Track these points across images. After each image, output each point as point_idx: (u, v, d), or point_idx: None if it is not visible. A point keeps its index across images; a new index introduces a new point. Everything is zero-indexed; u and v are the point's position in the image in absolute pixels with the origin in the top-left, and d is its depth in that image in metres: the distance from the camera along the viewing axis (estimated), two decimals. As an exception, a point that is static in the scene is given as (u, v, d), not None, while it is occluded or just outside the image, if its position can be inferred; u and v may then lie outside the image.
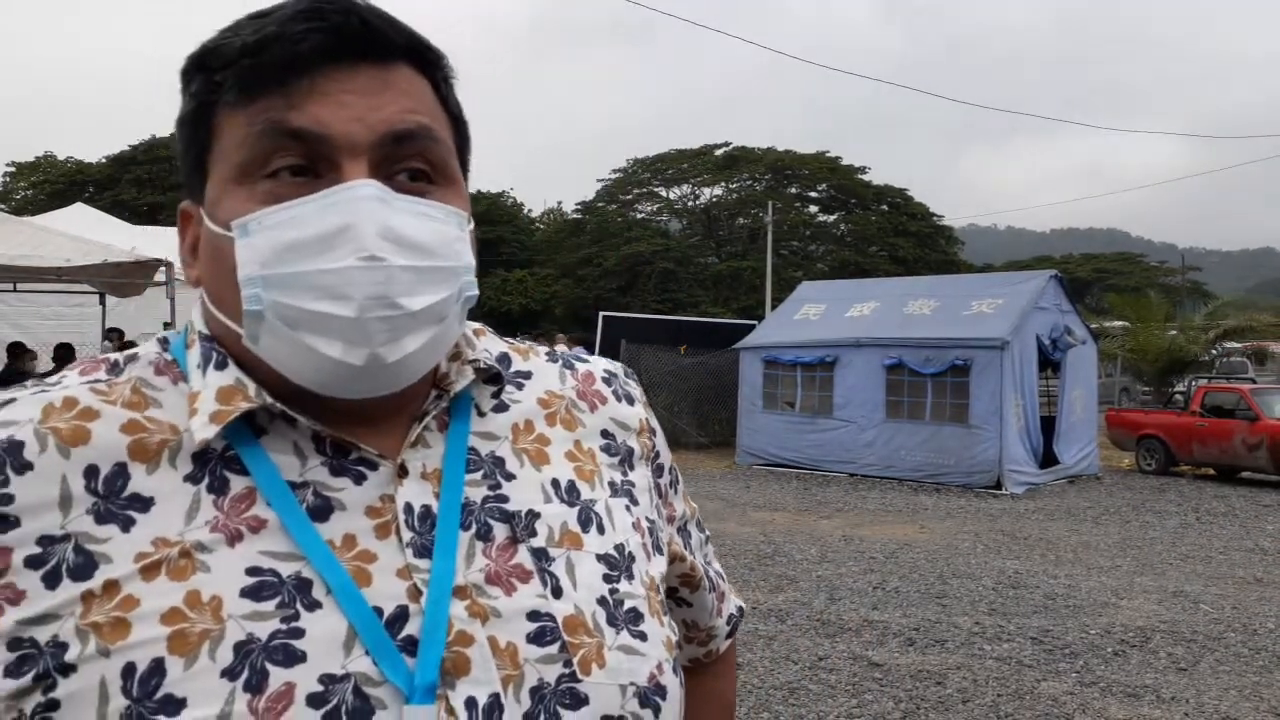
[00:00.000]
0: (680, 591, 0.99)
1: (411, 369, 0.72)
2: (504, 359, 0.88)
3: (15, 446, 0.67)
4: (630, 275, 40.91)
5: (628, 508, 0.85)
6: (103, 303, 11.39)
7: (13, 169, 44.74)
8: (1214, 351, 22.95)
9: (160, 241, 11.64)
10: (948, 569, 8.09)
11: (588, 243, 43.48)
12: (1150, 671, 5.56)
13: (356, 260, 0.67)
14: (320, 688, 0.65)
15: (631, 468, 0.88)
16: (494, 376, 0.82)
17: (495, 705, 0.68)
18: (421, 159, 0.73)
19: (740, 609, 1.09)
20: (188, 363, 0.76)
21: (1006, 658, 5.75)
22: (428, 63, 0.76)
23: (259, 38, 0.69)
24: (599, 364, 0.94)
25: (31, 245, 7.99)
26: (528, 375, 0.88)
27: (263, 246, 0.68)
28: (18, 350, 10.10)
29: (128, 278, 9.13)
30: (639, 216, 47.09)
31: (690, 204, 47.85)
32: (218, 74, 0.71)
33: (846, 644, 5.97)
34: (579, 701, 0.72)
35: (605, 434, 0.88)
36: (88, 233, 9.49)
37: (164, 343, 0.79)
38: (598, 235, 43.90)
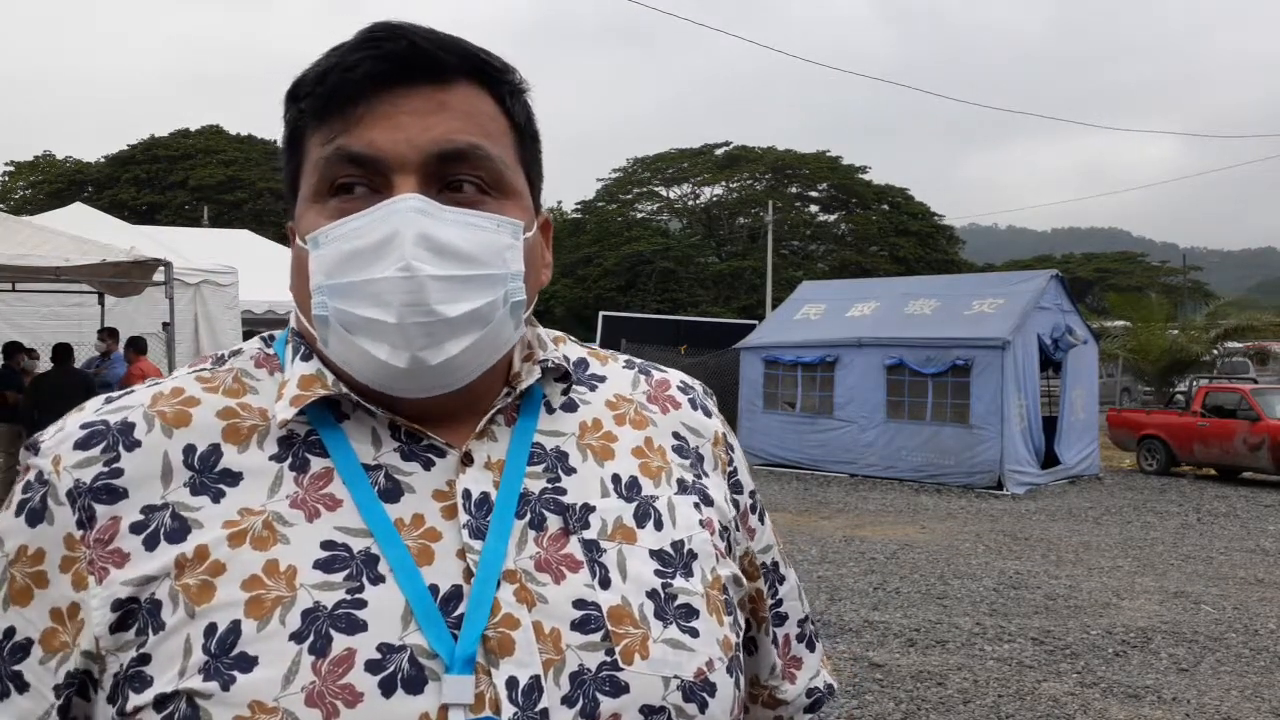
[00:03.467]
0: (749, 629, 0.96)
1: (459, 370, 0.77)
2: (581, 363, 0.93)
3: (128, 427, 0.77)
4: (630, 275, 40.94)
5: (696, 505, 0.86)
6: (101, 302, 11.35)
7: (11, 168, 44.74)
8: (1215, 351, 22.98)
9: (159, 241, 11.64)
10: (949, 570, 8.08)
11: (588, 242, 43.52)
12: (1151, 672, 5.55)
13: (395, 271, 0.73)
14: (378, 655, 0.70)
15: (704, 473, 0.90)
16: (564, 375, 0.88)
17: (535, 686, 0.72)
18: (473, 174, 0.78)
19: (829, 686, 1.04)
20: (285, 356, 0.84)
21: (1007, 658, 5.74)
22: (490, 78, 0.81)
23: (323, 68, 0.78)
24: (676, 375, 0.97)
25: (30, 245, 7.95)
26: (601, 379, 0.92)
27: (327, 258, 0.76)
28: (13, 349, 10.09)
29: (126, 277, 9.10)
30: (639, 216, 47.14)
31: (690, 203, 47.89)
32: (302, 102, 0.79)
33: (847, 645, 5.96)
34: (619, 689, 0.74)
35: (677, 435, 0.91)
36: (86, 232, 9.43)
37: (268, 340, 0.88)
38: (598, 235, 43.94)
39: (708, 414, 0.95)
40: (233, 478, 0.76)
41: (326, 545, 0.73)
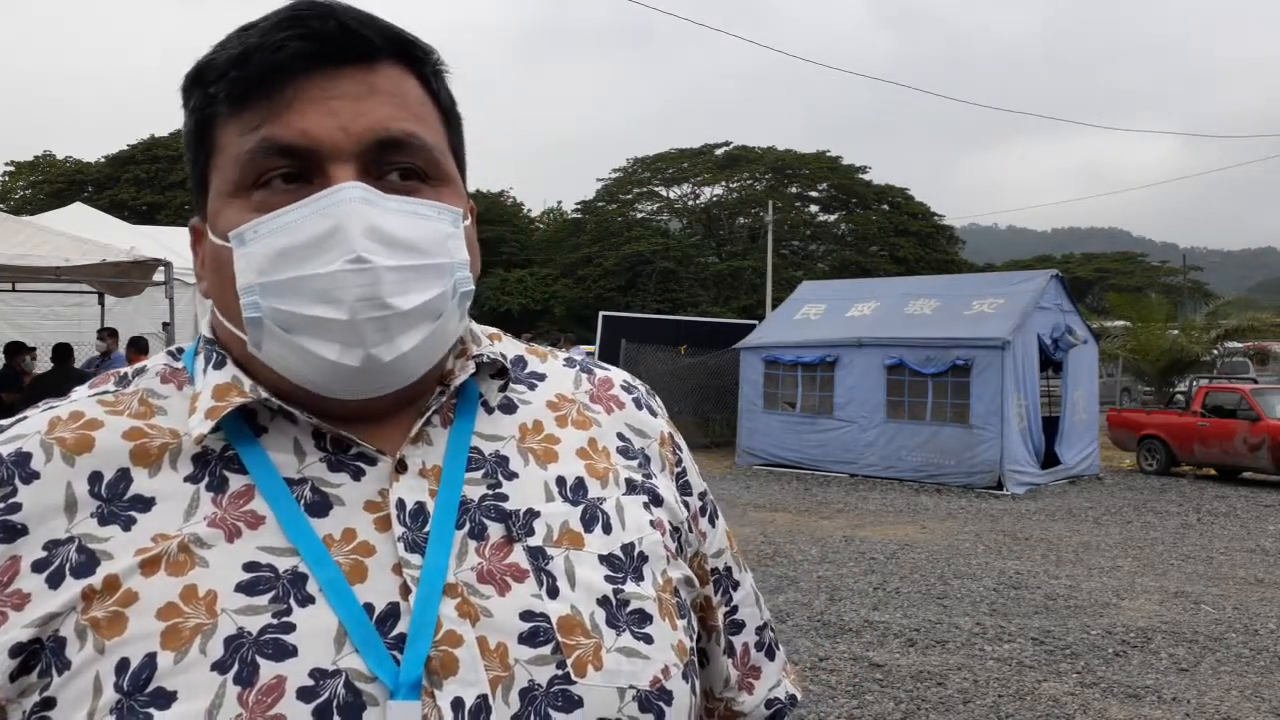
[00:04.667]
0: (698, 640, 0.91)
1: (410, 367, 0.73)
2: (519, 361, 0.88)
3: (23, 458, 0.71)
4: (630, 275, 40.93)
5: (646, 505, 0.83)
6: (101, 302, 11.38)
7: (12, 168, 44.71)
8: (1215, 351, 22.97)
9: (159, 241, 11.64)
10: (949, 569, 8.08)
11: (588, 242, 43.54)
12: (1151, 672, 5.54)
13: (344, 264, 0.68)
14: (311, 682, 0.65)
15: (652, 474, 0.86)
16: (500, 371, 0.83)
17: (482, 706, 0.68)
18: (410, 162, 0.74)
19: (792, 697, 0.99)
20: (195, 368, 0.78)
21: (1007, 658, 5.74)
22: (414, 59, 0.77)
23: (243, 49, 0.71)
24: (619, 374, 0.94)
25: (30, 245, 7.94)
26: (541, 378, 0.88)
27: (258, 255, 0.70)
28: (13, 349, 10.09)
29: (126, 277, 9.10)
30: (639, 216, 47.12)
31: (690, 203, 47.88)
32: (211, 88, 0.73)
33: (847, 645, 5.96)
34: (572, 704, 0.70)
35: (621, 436, 0.87)
36: (86, 232, 9.44)
37: (176, 353, 0.82)
38: (598, 235, 43.95)
39: (653, 414, 0.91)
40: (144, 503, 0.70)
41: (249, 566, 0.68)
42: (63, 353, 9.33)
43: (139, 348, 10.11)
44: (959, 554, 8.73)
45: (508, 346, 0.89)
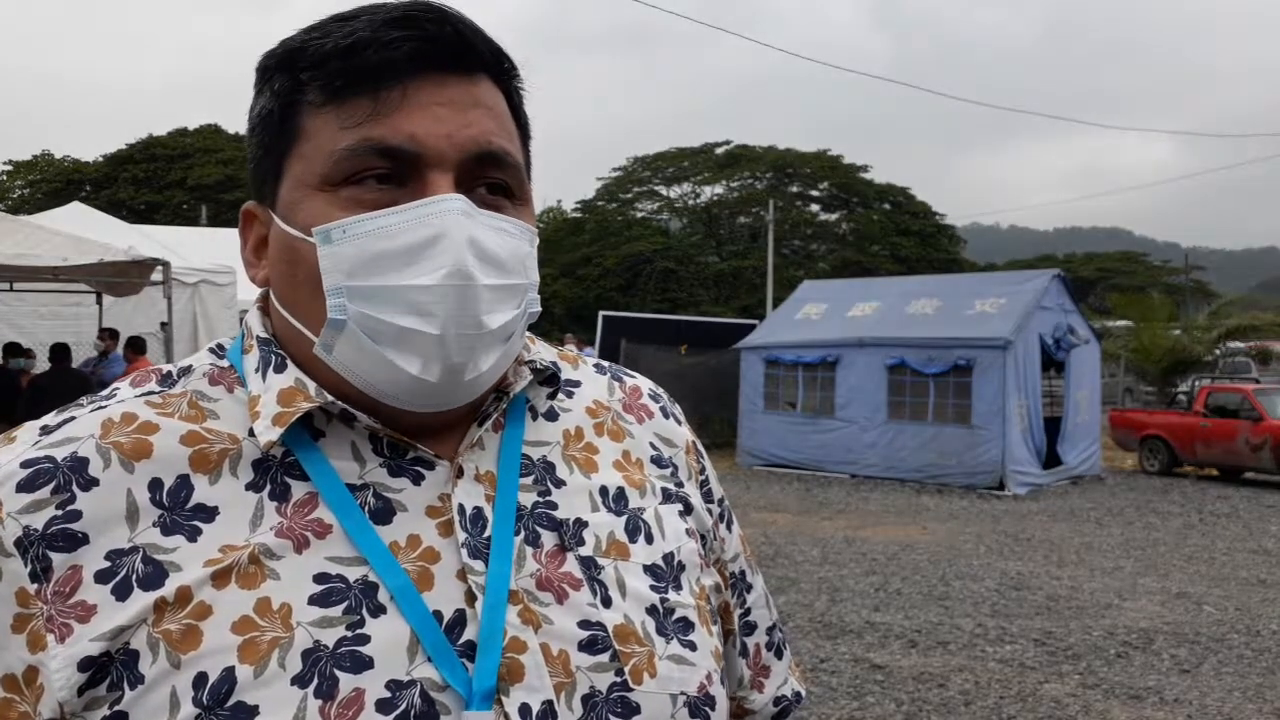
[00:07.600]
0: None
1: (482, 385, 0.74)
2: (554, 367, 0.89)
3: (80, 463, 0.68)
4: (630, 275, 40.92)
5: (680, 514, 0.85)
6: (99, 302, 11.36)
7: (10, 167, 44.70)
8: (1217, 351, 22.92)
9: (157, 240, 11.63)
10: (950, 570, 8.06)
11: (588, 242, 43.51)
12: (1153, 673, 5.52)
13: (444, 278, 0.67)
14: (388, 694, 0.65)
15: (681, 483, 0.88)
16: (550, 378, 0.83)
17: (549, 712, 0.68)
18: (502, 179, 0.74)
19: (797, 694, 1.01)
20: (244, 368, 0.76)
21: (1009, 659, 5.71)
22: (506, 75, 0.77)
23: (351, 40, 0.69)
24: (645, 382, 0.95)
25: (28, 244, 7.93)
26: (577, 384, 0.90)
27: (349, 256, 0.68)
28: (8, 351, 10.07)
29: (124, 277, 9.10)
30: (639, 215, 47.09)
31: (691, 203, 47.84)
32: (303, 74, 0.71)
33: (848, 646, 5.94)
34: (630, 710, 0.72)
35: (653, 445, 0.89)
36: (84, 232, 9.43)
37: (218, 351, 0.79)
38: (598, 234, 43.94)
39: (678, 422, 0.93)
40: (207, 512, 0.68)
41: (320, 578, 0.68)
42: (60, 353, 9.31)
43: (136, 348, 10.09)
44: (960, 555, 8.71)
45: (542, 351, 0.88)
